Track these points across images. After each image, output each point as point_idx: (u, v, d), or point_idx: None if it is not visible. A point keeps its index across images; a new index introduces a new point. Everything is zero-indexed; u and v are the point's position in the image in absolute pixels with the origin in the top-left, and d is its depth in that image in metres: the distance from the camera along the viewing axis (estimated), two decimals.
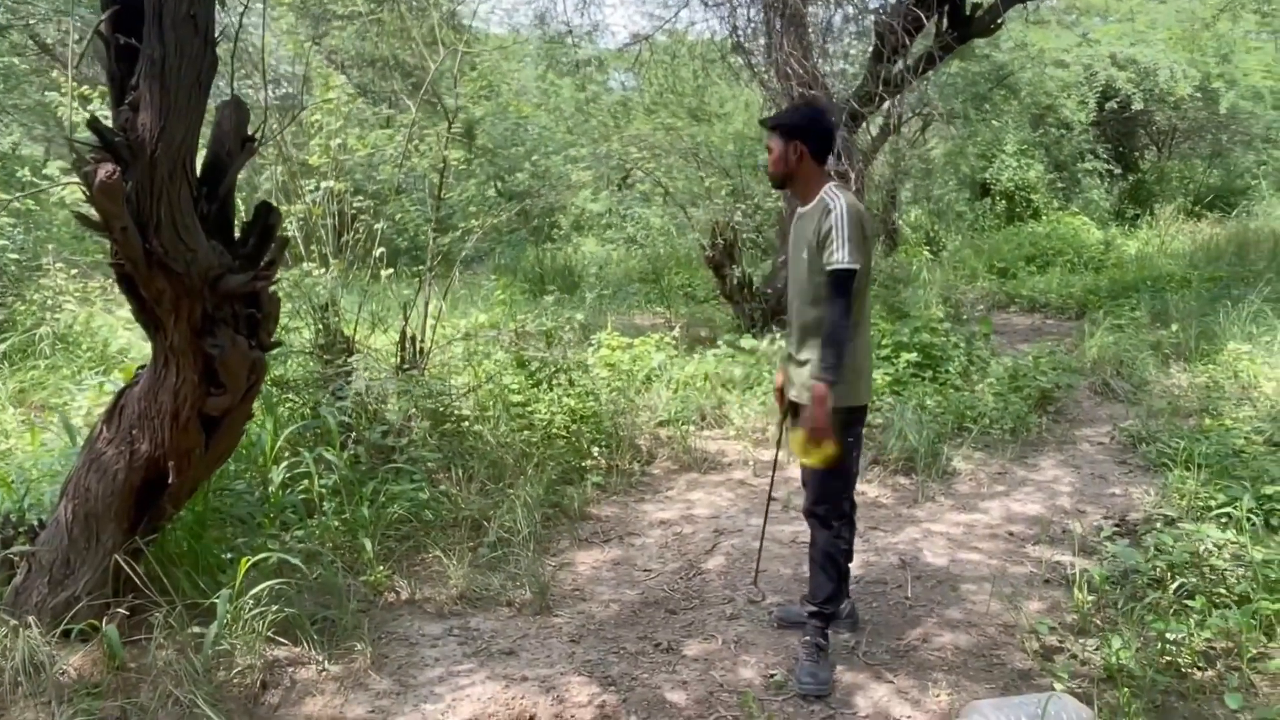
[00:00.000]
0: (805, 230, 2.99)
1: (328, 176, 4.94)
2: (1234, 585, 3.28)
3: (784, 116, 3.19)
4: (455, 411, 4.90)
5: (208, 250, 2.59)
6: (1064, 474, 4.99)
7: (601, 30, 25.47)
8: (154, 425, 2.82)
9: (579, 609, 3.58)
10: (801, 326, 3.04)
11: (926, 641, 3.28)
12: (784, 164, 3.04)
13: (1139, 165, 18.53)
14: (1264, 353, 6.48)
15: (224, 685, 2.87)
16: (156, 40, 2.34)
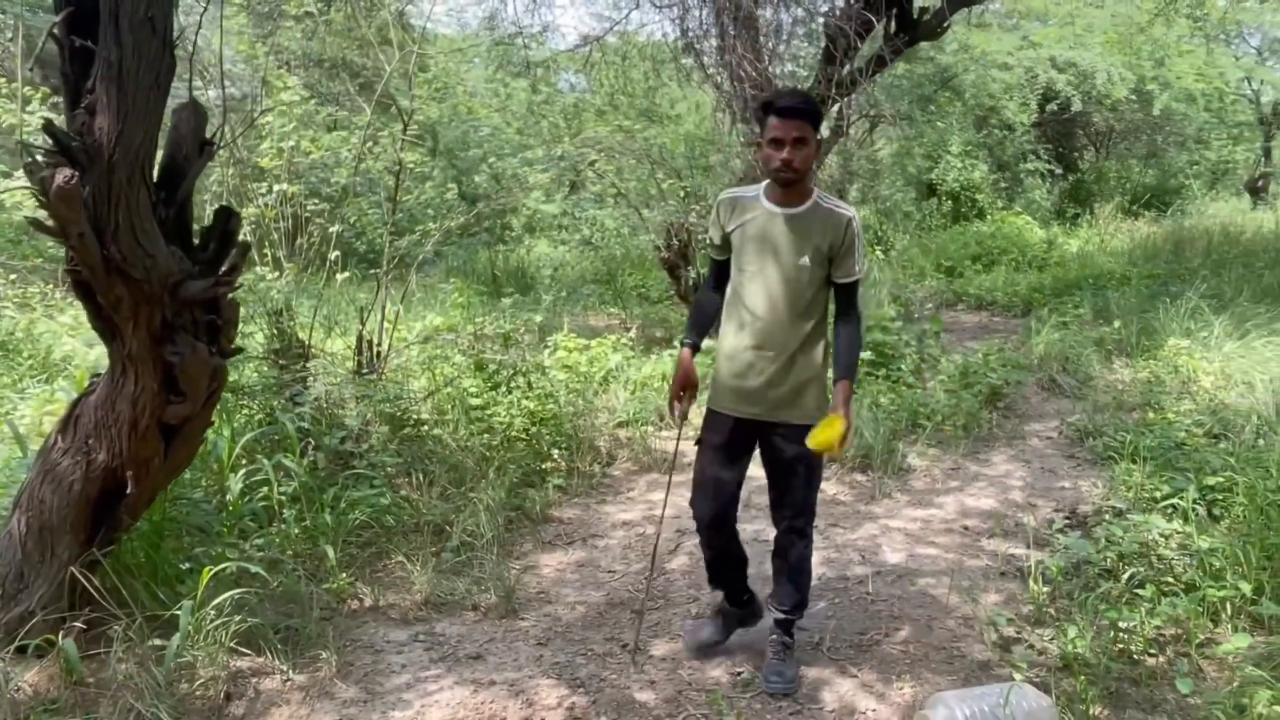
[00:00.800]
0: (804, 235, 2.82)
1: (280, 179, 4.87)
2: (1181, 574, 3.39)
3: (811, 103, 2.81)
4: (414, 416, 4.87)
5: (167, 256, 2.55)
6: (1015, 468, 5.11)
7: (552, 31, 25.40)
8: (111, 434, 2.76)
9: (545, 611, 3.59)
10: (783, 342, 2.86)
11: (889, 636, 3.34)
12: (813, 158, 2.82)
13: (1078, 165, 19.01)
14: (1201, 348, 6.69)
15: (187, 698, 2.82)
16: (113, 42, 2.30)
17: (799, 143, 2.72)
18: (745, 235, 2.89)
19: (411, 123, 5.02)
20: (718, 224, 2.97)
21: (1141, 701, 2.82)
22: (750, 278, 2.88)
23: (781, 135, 2.71)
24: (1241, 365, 6.12)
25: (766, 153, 2.78)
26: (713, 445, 2.99)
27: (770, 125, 2.74)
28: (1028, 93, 14.96)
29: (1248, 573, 3.25)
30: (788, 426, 2.90)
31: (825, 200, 2.87)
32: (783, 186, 2.82)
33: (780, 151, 2.72)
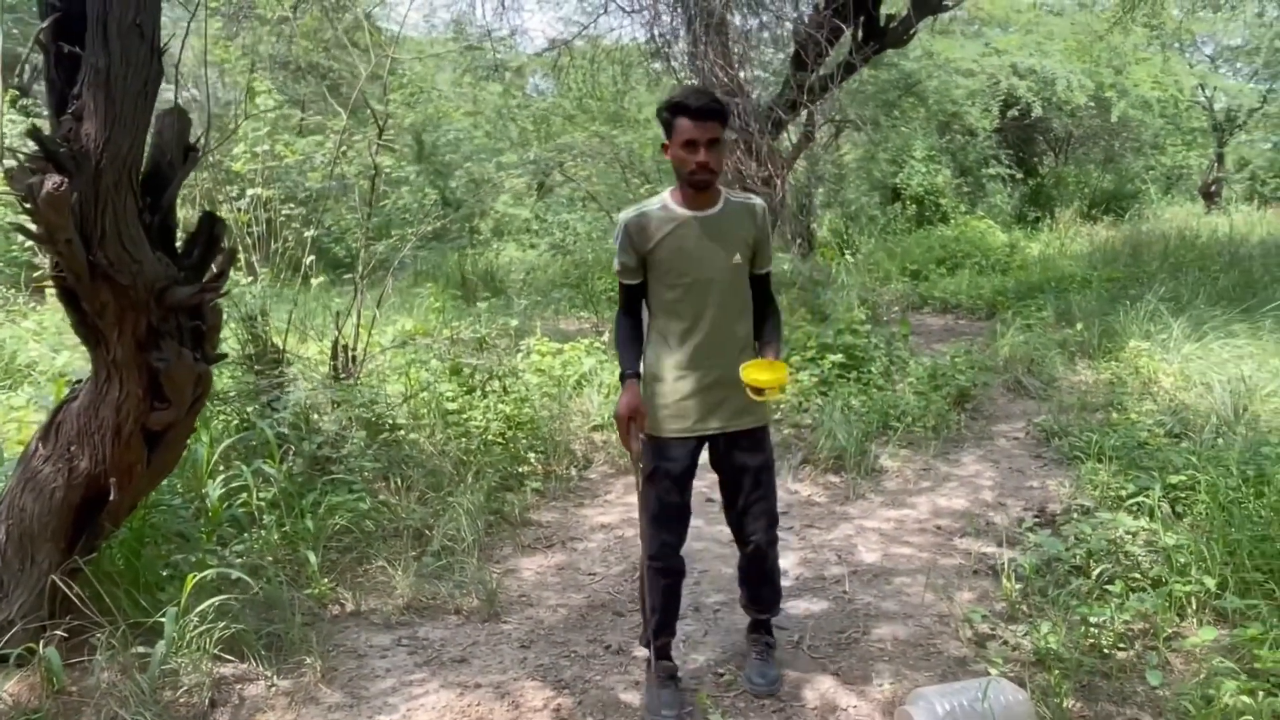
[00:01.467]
0: (727, 234, 2.76)
1: (255, 183, 4.85)
2: (1148, 570, 3.49)
3: (720, 102, 2.72)
4: (391, 420, 4.86)
5: (153, 261, 2.55)
6: (985, 469, 5.21)
7: (520, 35, 25.39)
8: (94, 441, 2.75)
9: (527, 614, 3.61)
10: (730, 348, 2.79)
11: (866, 634, 3.40)
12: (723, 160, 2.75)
13: (1038, 170, 19.35)
14: (1161, 350, 6.85)
15: (171, 705, 2.82)
16: (101, 49, 2.30)
17: (714, 144, 2.64)
18: (667, 249, 2.75)
19: (388, 127, 5.02)
20: (629, 248, 2.77)
21: (1113, 694, 2.90)
22: (685, 291, 2.75)
23: (696, 137, 2.61)
24: (1200, 366, 6.28)
25: (678, 155, 2.66)
26: (670, 474, 2.83)
27: (681, 128, 2.62)
28: (989, 99, 15.23)
29: (1211, 568, 3.34)
30: (749, 433, 2.86)
31: (733, 195, 2.84)
32: (697, 190, 2.71)
33: (695, 154, 2.62)
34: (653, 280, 2.81)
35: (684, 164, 2.66)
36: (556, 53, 9.82)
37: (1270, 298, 8.22)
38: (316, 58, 11.28)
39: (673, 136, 2.66)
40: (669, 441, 2.83)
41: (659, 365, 2.84)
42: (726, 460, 2.91)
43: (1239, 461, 4.10)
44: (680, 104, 2.63)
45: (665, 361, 2.83)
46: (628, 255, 2.78)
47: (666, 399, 2.81)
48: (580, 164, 8.66)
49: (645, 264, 2.79)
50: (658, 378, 2.84)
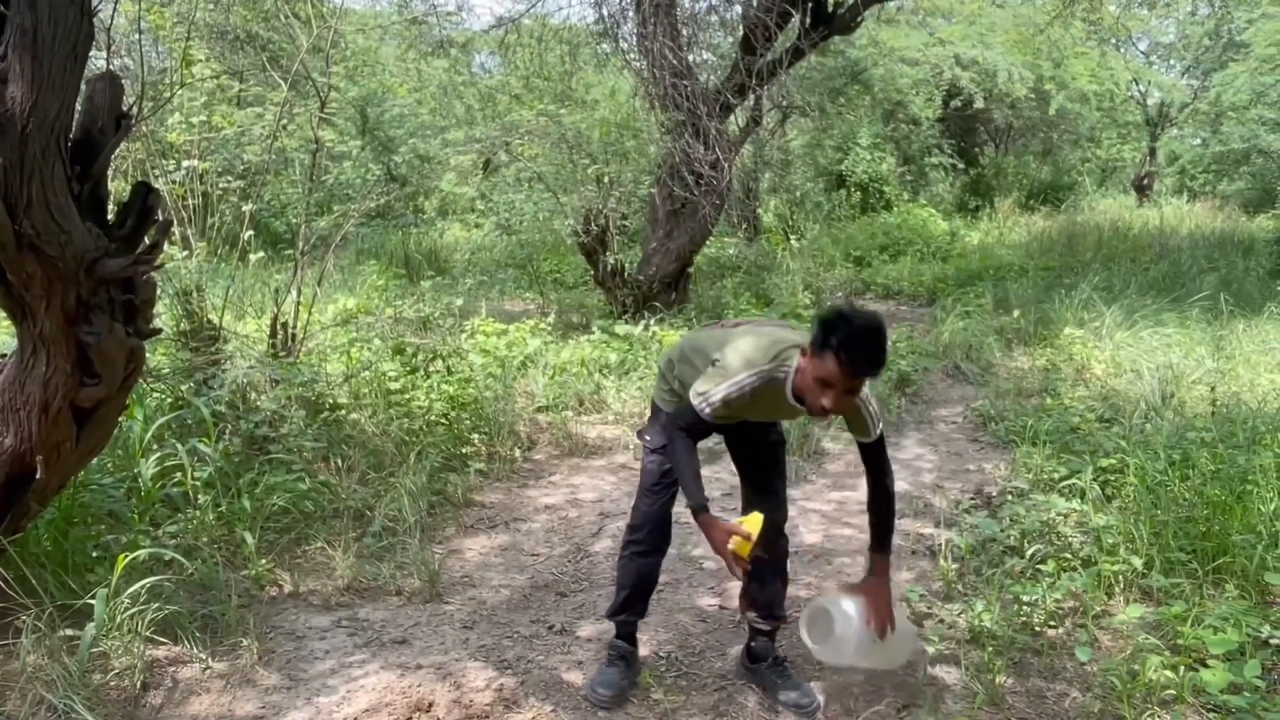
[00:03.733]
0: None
1: (191, 155, 4.71)
2: (1079, 550, 3.60)
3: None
4: (332, 400, 4.78)
5: (83, 232, 2.45)
6: (924, 452, 5.31)
7: (466, 11, 25.03)
8: (20, 418, 2.65)
9: (470, 595, 3.59)
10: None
11: None
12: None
13: (979, 160, 19.70)
14: (1094, 337, 7.05)
15: (101, 688, 2.74)
16: (28, 8, 2.20)
17: (852, 392, 2.42)
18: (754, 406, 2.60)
19: (330, 100, 4.91)
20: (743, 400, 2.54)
21: (1044, 670, 2.99)
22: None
23: (847, 388, 2.37)
24: (1131, 354, 6.47)
25: (812, 386, 2.40)
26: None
27: (841, 372, 2.33)
28: (933, 89, 15.45)
29: (1139, 548, 3.46)
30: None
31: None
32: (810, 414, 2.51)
33: (827, 397, 2.37)
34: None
35: (814, 396, 2.41)
36: (504, 30, 9.69)
37: (1197, 288, 8.51)
38: (256, 27, 10.98)
39: (825, 365, 2.35)
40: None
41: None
42: (742, 436, 2.87)
43: (1166, 446, 4.24)
44: (861, 359, 2.33)
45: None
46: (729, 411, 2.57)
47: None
48: (527, 143, 8.58)
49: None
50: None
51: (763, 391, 2.53)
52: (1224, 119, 17.11)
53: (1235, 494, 3.62)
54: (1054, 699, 2.84)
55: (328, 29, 5.08)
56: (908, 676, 2.96)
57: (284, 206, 7.42)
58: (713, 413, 2.55)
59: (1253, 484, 3.66)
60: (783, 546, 2.96)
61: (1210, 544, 3.40)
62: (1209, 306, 7.63)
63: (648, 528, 2.87)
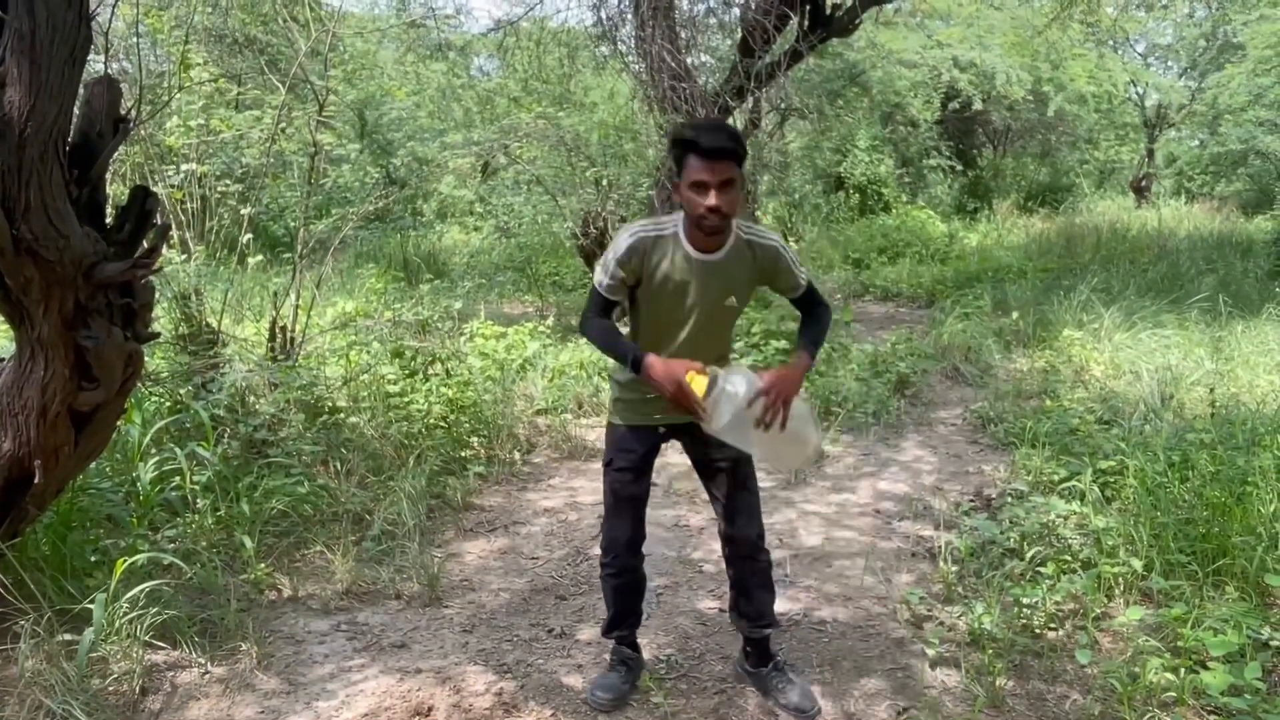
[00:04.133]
0: (731, 277, 2.56)
1: (189, 159, 4.70)
2: (1079, 552, 3.59)
3: (738, 139, 2.44)
4: (331, 403, 4.78)
5: (81, 237, 2.45)
6: (924, 454, 5.30)
7: (465, 15, 25.04)
8: (18, 422, 2.65)
9: (469, 599, 3.58)
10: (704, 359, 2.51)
11: (807, 616, 3.44)
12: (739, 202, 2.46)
13: (978, 162, 19.73)
14: (1093, 339, 7.05)
15: (100, 693, 2.74)
16: (26, 13, 2.20)
17: (727, 186, 2.36)
18: (661, 282, 2.55)
19: (329, 104, 4.91)
20: (627, 265, 2.53)
21: (1044, 673, 2.98)
22: (667, 322, 2.61)
23: (707, 179, 2.35)
24: (1129, 355, 6.47)
25: (688, 197, 2.41)
26: (629, 464, 2.73)
27: (692, 167, 2.38)
28: (931, 91, 15.46)
29: (1139, 550, 3.45)
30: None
31: (745, 230, 2.59)
32: (706, 235, 2.47)
33: (705, 197, 2.36)
34: (640, 303, 2.64)
35: (693, 207, 2.41)
36: (502, 33, 9.70)
37: (1196, 290, 8.51)
38: (254, 31, 11.00)
39: (682, 175, 2.42)
40: (630, 429, 2.73)
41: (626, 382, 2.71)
42: (701, 452, 2.77)
43: (1165, 447, 4.23)
44: (691, 140, 2.39)
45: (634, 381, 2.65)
46: (623, 270, 2.54)
47: (626, 393, 2.71)
48: (526, 146, 8.59)
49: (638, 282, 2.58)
50: (624, 383, 2.71)
51: (654, 251, 2.53)
52: (1221, 120, 17.14)
53: (1235, 495, 3.62)
54: (1054, 701, 2.83)
55: (326, 32, 5.09)
56: (907, 679, 2.96)
57: (282, 210, 7.43)
58: (608, 279, 2.56)
59: (1252, 485, 3.66)
60: (764, 560, 2.85)
61: (1210, 546, 3.40)
62: (1208, 308, 7.64)
63: (614, 552, 2.83)
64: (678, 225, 2.55)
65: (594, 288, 2.63)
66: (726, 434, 2.45)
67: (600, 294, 2.60)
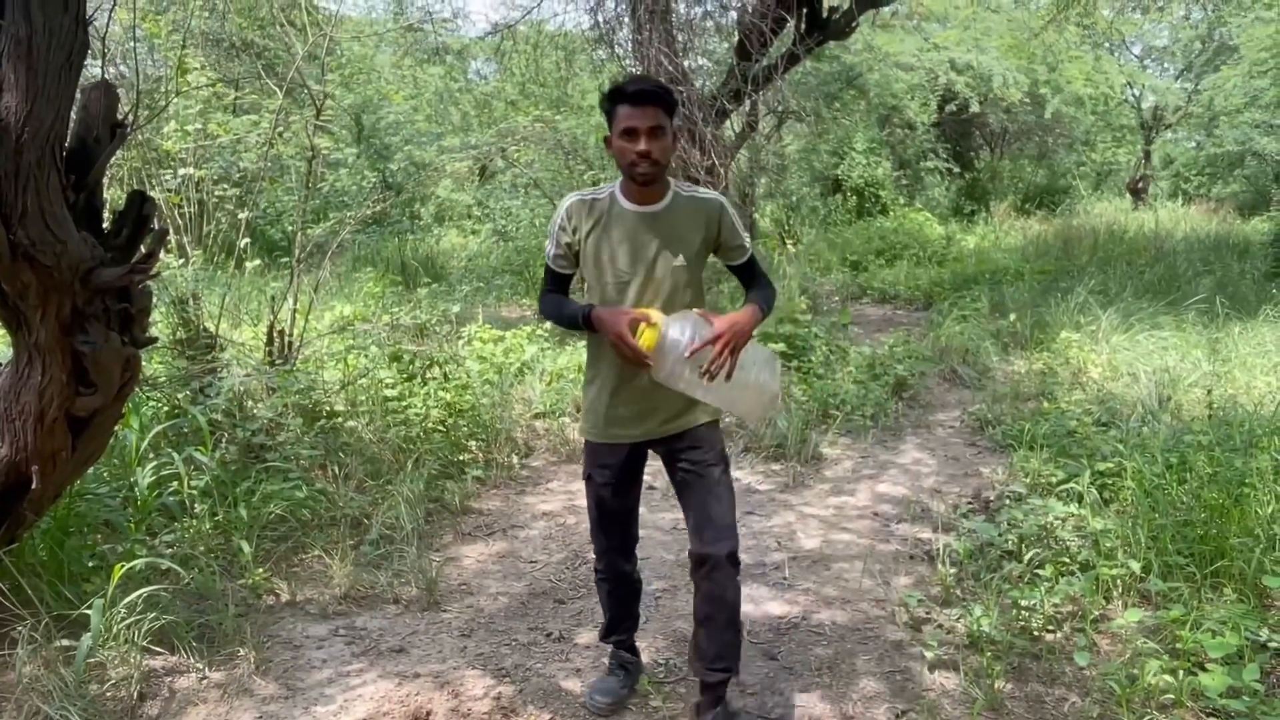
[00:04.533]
0: (673, 233, 2.50)
1: (186, 163, 4.70)
2: (1077, 554, 3.59)
3: (665, 87, 2.45)
4: (329, 407, 4.78)
5: (78, 242, 2.45)
6: (922, 456, 5.30)
7: (462, 19, 25.07)
8: (15, 427, 2.65)
9: (467, 603, 3.58)
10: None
11: (806, 619, 3.44)
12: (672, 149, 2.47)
13: (975, 165, 19.76)
14: (1090, 341, 7.05)
15: (98, 699, 2.74)
16: (22, 18, 2.20)
17: (656, 132, 2.37)
18: (604, 243, 2.51)
19: (326, 108, 4.92)
20: (567, 230, 2.54)
21: (1042, 675, 2.98)
22: (616, 291, 2.51)
23: (636, 125, 2.36)
24: (1127, 357, 6.48)
25: (619, 146, 2.42)
26: (605, 480, 2.67)
27: (620, 115, 2.39)
28: (928, 93, 15.49)
29: (1137, 552, 3.45)
30: (693, 431, 2.60)
31: (684, 189, 2.57)
32: (640, 184, 2.45)
33: (635, 143, 2.37)
34: (585, 274, 2.59)
35: (624, 155, 2.41)
36: (499, 37, 9.71)
37: (1193, 291, 8.52)
38: (251, 35, 11.00)
39: (613, 126, 2.44)
40: (598, 446, 2.66)
41: (592, 367, 2.65)
42: (674, 466, 2.65)
43: (1163, 449, 4.24)
44: (617, 89, 2.42)
45: (597, 364, 2.62)
46: (562, 237, 2.56)
47: (598, 404, 2.62)
48: (523, 150, 8.59)
49: (576, 255, 2.56)
50: (590, 380, 2.66)
51: (591, 212, 2.51)
52: (1218, 122, 17.17)
53: (1233, 497, 3.62)
54: (1053, 704, 2.83)
55: (323, 36, 5.09)
56: (906, 681, 2.96)
57: (280, 214, 7.43)
58: (554, 248, 2.58)
59: (1250, 487, 3.66)
60: (733, 592, 2.59)
61: (1208, 547, 3.40)
62: (1205, 309, 7.64)
63: (606, 558, 2.82)
64: (614, 186, 2.56)
65: (545, 265, 2.65)
66: (672, 381, 2.40)
67: (550, 269, 2.62)
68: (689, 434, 2.60)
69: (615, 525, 2.76)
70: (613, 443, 2.63)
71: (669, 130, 2.42)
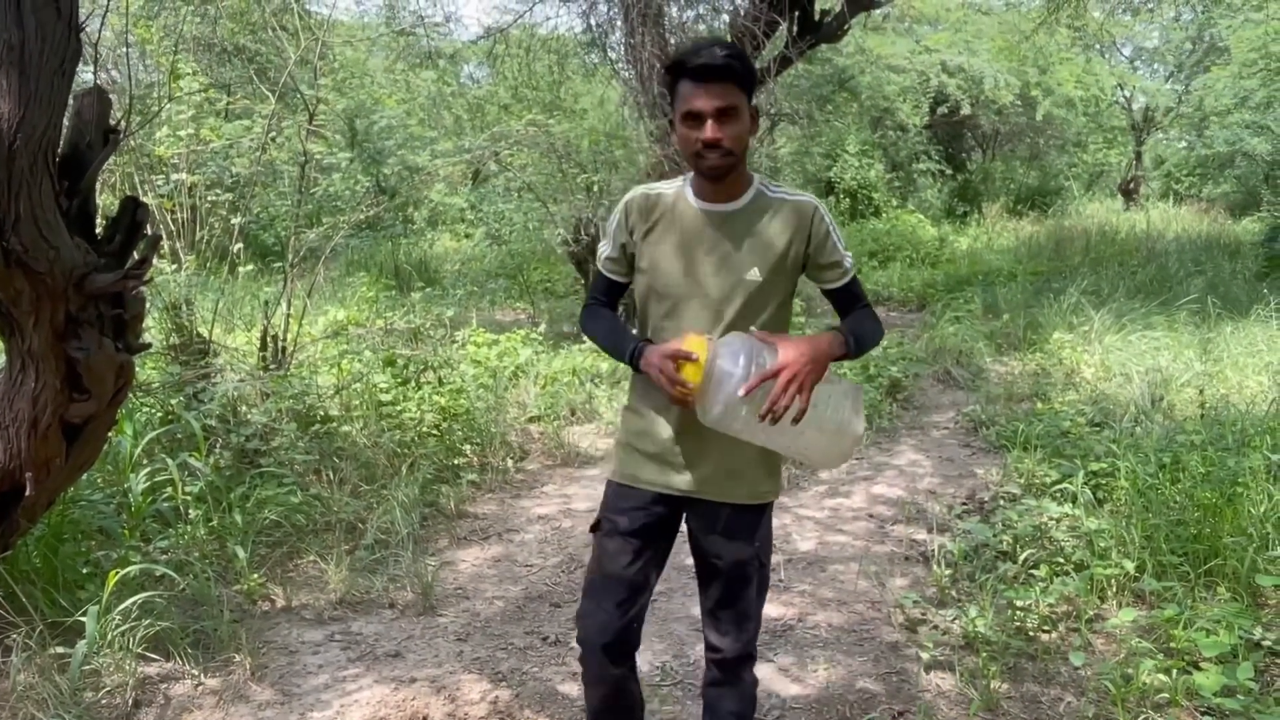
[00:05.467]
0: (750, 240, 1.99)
1: (179, 168, 4.70)
2: (1071, 554, 3.60)
3: (741, 57, 1.93)
4: (323, 412, 4.77)
5: (71, 248, 2.44)
6: (917, 458, 5.32)
7: (454, 22, 25.08)
8: (9, 435, 2.64)
9: (463, 607, 3.58)
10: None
11: (802, 621, 3.45)
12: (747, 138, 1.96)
13: (967, 166, 19.83)
14: (1083, 341, 7.08)
15: (92, 706, 2.73)
16: (15, 24, 2.19)
17: (727, 114, 1.87)
18: (664, 246, 2.03)
19: (320, 113, 4.92)
20: (624, 228, 2.08)
21: (1038, 675, 2.99)
22: (675, 306, 2.02)
23: (701, 106, 1.86)
24: (1120, 357, 6.50)
25: (683, 134, 1.93)
26: (620, 531, 2.09)
27: (682, 94, 1.90)
28: (920, 95, 15.53)
29: (1131, 552, 3.47)
30: (732, 509, 2.08)
31: (772, 189, 2.04)
32: (709, 179, 1.97)
33: (701, 130, 1.88)
34: (638, 281, 2.11)
35: (688, 143, 1.93)
36: (492, 40, 9.71)
37: (1185, 291, 8.56)
38: (243, 40, 10.99)
39: (675, 106, 1.94)
40: (622, 488, 2.12)
41: (632, 397, 2.16)
42: (701, 540, 2.14)
43: (1156, 449, 4.26)
44: (678, 61, 1.92)
45: (640, 389, 2.12)
46: (619, 235, 2.11)
47: (631, 433, 2.12)
48: (516, 153, 8.61)
49: (631, 257, 2.10)
50: (630, 406, 2.16)
51: (655, 209, 2.04)
52: (1208, 123, 17.25)
53: (1225, 496, 3.64)
54: (1049, 704, 2.84)
55: (315, 41, 5.09)
56: (902, 683, 2.97)
57: (273, 219, 7.41)
58: (611, 248, 2.12)
59: (1242, 486, 3.68)
60: (748, 683, 2.21)
61: (1201, 546, 3.42)
62: (1196, 309, 7.68)
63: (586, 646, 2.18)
64: (685, 180, 2.08)
65: (597, 269, 2.20)
66: (725, 424, 1.89)
67: (602, 274, 2.17)
68: (735, 511, 2.09)
69: (612, 599, 2.10)
70: (639, 487, 2.09)
71: (745, 111, 1.92)
